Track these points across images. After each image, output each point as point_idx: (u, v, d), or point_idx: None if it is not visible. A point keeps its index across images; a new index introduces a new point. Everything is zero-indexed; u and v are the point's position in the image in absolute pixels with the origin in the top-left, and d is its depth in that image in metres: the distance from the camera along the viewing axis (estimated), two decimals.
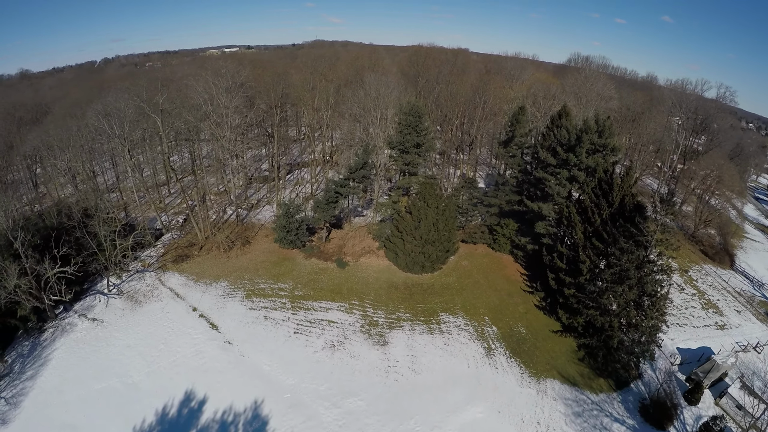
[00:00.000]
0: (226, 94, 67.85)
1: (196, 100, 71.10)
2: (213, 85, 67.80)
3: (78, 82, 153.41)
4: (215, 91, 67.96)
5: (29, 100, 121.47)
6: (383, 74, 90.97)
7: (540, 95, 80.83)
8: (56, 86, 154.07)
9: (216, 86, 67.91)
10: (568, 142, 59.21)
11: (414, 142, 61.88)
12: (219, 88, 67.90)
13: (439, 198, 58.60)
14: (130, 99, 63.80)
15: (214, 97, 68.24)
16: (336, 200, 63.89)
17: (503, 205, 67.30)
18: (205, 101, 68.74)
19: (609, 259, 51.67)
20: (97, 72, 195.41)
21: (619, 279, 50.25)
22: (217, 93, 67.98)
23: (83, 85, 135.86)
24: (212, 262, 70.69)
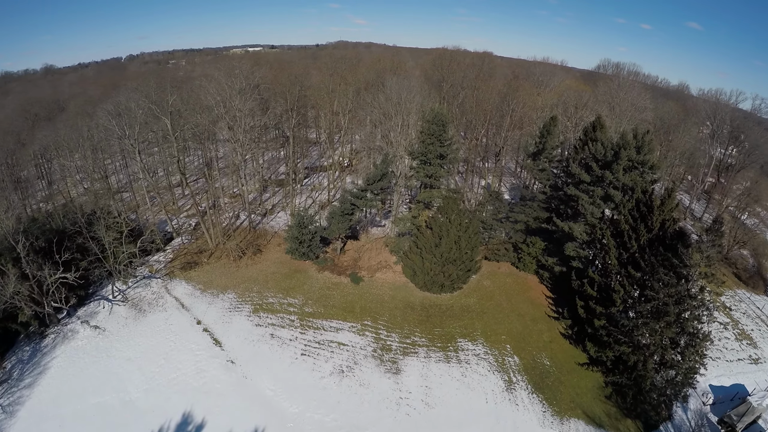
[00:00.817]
0: (239, 96, 64.75)
1: (208, 101, 68.23)
2: (227, 86, 64.79)
3: (97, 79, 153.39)
4: (228, 92, 64.94)
5: (47, 96, 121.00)
6: (406, 78, 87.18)
7: (571, 104, 75.76)
8: (76, 83, 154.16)
9: (230, 88, 64.87)
10: (604, 157, 54.46)
11: (437, 152, 57.75)
12: (233, 90, 64.83)
13: (462, 214, 54.35)
14: (140, 100, 61.06)
15: (226, 99, 65.27)
16: (352, 212, 60.19)
17: (530, 222, 62.77)
18: (217, 103, 65.80)
19: (645, 290, 46.97)
20: (118, 69, 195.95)
21: (656, 314, 45.50)
22: (230, 95, 64.95)
23: (101, 83, 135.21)
24: (221, 271, 67.72)
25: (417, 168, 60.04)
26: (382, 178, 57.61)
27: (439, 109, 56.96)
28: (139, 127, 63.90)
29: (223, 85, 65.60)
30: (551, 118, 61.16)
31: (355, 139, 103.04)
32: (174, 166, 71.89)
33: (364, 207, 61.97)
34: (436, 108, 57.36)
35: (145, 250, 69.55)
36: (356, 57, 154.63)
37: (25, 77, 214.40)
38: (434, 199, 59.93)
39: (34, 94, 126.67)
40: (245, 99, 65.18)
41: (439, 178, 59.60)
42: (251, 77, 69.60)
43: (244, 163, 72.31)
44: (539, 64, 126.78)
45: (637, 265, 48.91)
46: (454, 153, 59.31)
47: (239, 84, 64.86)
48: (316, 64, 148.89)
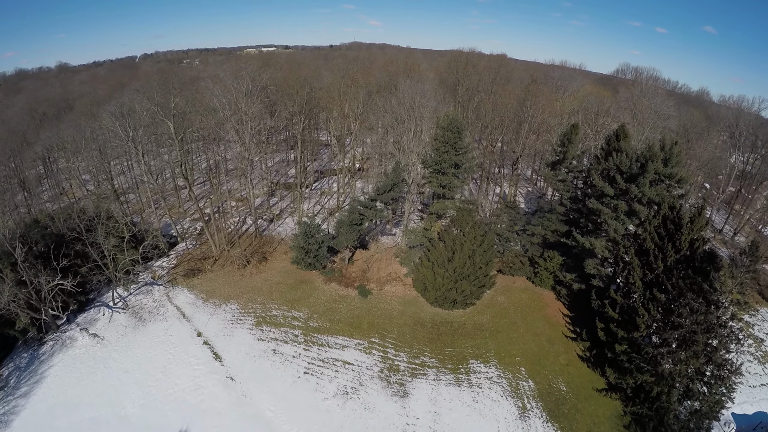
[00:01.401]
0: (245, 99, 62.31)
1: (213, 103, 65.99)
2: (233, 88, 62.44)
3: (108, 78, 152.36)
4: (235, 94, 62.57)
5: (57, 94, 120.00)
6: (419, 80, 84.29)
7: (592, 110, 72.10)
8: (87, 81, 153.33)
9: (236, 90, 62.49)
10: (629, 169, 51.14)
11: (452, 161, 54.68)
12: (239, 92, 62.44)
13: (477, 227, 51.29)
14: (143, 101, 58.84)
15: (232, 101, 62.92)
16: (360, 222, 57.43)
17: (548, 236, 59.59)
18: (222, 105, 63.51)
19: (671, 316, 43.70)
20: (130, 68, 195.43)
21: (683, 342, 42.26)
22: (236, 97, 62.57)
23: (111, 82, 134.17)
24: (224, 280, 65.44)
25: (430, 177, 56.91)
26: (392, 188, 54.73)
27: (454, 115, 53.81)
28: (142, 129, 61.78)
29: (229, 86, 63.27)
30: (572, 125, 57.76)
31: (366, 142, 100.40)
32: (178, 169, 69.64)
33: (374, 218, 59.12)
34: (451, 114, 54.21)
35: (146, 257, 67.56)
36: (369, 58, 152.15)
37: (38, 75, 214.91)
38: (448, 211, 56.79)
39: (44, 93, 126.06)
40: (251, 101, 62.75)
41: (454, 188, 56.38)
42: (258, 79, 67.11)
43: (251, 167, 69.82)
44: (557, 68, 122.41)
45: (663, 288, 45.65)
46: (470, 162, 56.07)
47: (245, 86, 62.45)
48: (328, 65, 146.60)
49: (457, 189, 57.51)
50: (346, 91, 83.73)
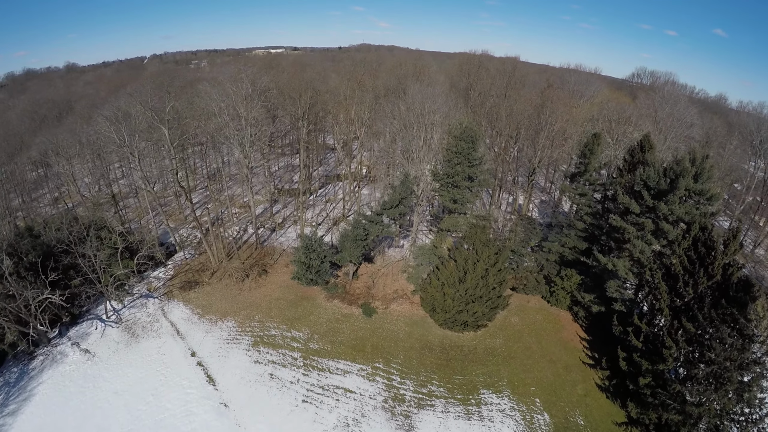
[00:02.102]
0: (244, 103, 58.99)
1: (210, 108, 62.85)
2: (232, 92, 59.15)
3: (113, 79, 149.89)
4: (234, 98, 59.27)
5: (60, 96, 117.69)
6: (429, 84, 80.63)
7: (613, 118, 67.95)
8: (92, 82, 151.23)
9: (234, 93, 59.14)
10: (657, 185, 47.21)
11: (465, 174, 51.07)
12: (238, 96, 59.10)
13: (491, 245, 47.52)
14: (136, 106, 55.64)
15: (230, 106, 59.65)
16: (365, 238, 53.85)
17: (566, 253, 55.77)
18: (221, 110, 60.28)
19: (702, 349, 39.86)
20: (137, 69, 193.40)
21: (714, 380, 38.40)
22: (235, 101, 59.26)
23: (114, 83, 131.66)
24: (222, 294, 62.24)
25: (441, 191, 53.05)
26: (400, 203, 51.13)
27: (468, 123, 49.88)
28: (138, 134, 58.71)
29: (228, 90, 59.97)
30: (593, 135, 53.82)
31: (373, 147, 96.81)
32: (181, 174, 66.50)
33: (380, 234, 55.45)
34: (464, 121, 50.31)
35: (140, 270, 64.82)
36: (377, 60, 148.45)
37: (45, 75, 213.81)
38: (459, 228, 52.82)
39: (47, 94, 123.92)
40: (251, 106, 59.40)
41: (467, 203, 52.61)
42: (258, 82, 63.62)
43: (252, 174, 66.56)
44: (572, 72, 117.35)
45: (693, 318, 41.73)
46: (485, 175, 52.17)
47: (245, 90, 59.06)
48: (336, 66, 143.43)
49: (470, 204, 53.52)
50: (352, 95, 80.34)
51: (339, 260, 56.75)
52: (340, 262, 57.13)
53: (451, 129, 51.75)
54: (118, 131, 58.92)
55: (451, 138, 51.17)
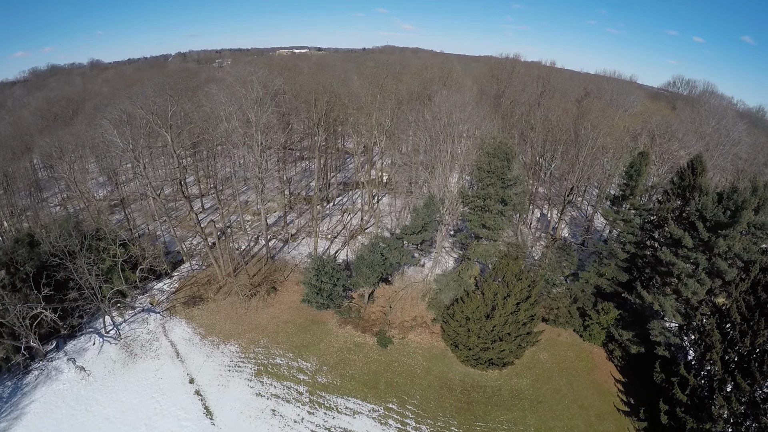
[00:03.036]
0: (255, 107, 54.43)
1: (218, 112, 58.66)
2: (243, 96, 54.65)
3: (133, 77, 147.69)
4: (244, 102, 54.78)
5: (76, 94, 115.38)
6: (457, 90, 75.02)
7: (657, 132, 61.24)
8: (110, 80, 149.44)
9: (244, 97, 54.63)
10: (714, 217, 41.06)
11: (498, 196, 45.34)
12: (248, 100, 54.57)
13: (524, 277, 41.90)
14: (137, 109, 51.52)
15: (239, 110, 55.29)
16: (383, 263, 48.61)
17: (604, 285, 49.85)
18: (228, 115, 55.96)
19: (758, 414, 33.95)
20: (158, 67, 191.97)
21: None
22: (245, 105, 54.77)
23: (133, 81, 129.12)
24: (227, 312, 57.92)
25: (470, 215, 47.39)
26: (423, 228, 45.70)
27: (502, 139, 44.18)
28: (143, 138, 54.77)
29: (238, 93, 55.49)
30: (640, 154, 47.66)
31: (395, 153, 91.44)
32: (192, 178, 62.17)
33: (399, 262, 49.99)
34: (498, 136, 44.54)
35: (144, 280, 61.18)
36: (401, 63, 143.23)
37: (68, 71, 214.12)
38: (489, 258, 46.89)
39: (64, 91, 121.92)
40: (262, 111, 54.83)
41: (499, 230, 46.99)
42: (270, 84, 58.89)
43: (262, 184, 62.08)
44: (610, 80, 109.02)
45: (749, 374, 35.78)
46: (520, 198, 46.25)
47: (255, 93, 54.50)
48: (359, 68, 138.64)
49: (503, 230, 47.95)
50: (373, 100, 75.30)
51: (353, 284, 51.72)
52: (355, 286, 52.12)
53: (483, 144, 45.73)
54: (123, 135, 55.11)
55: (483, 154, 45.49)
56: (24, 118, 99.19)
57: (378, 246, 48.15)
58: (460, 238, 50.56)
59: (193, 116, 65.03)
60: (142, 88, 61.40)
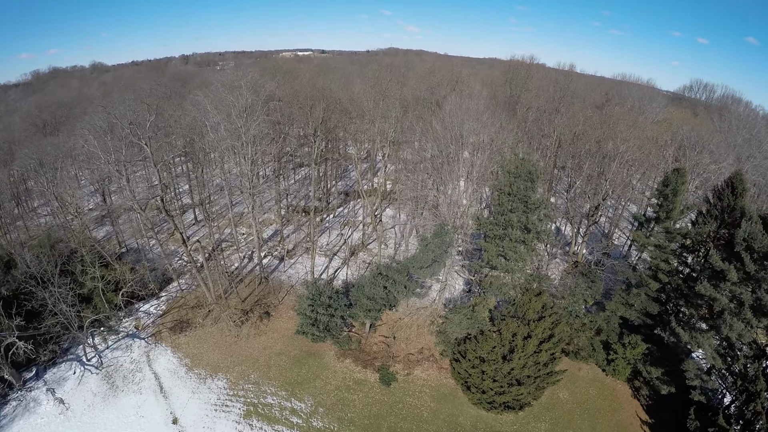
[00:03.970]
0: (244, 116, 49.53)
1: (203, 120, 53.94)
2: (231, 103, 49.74)
3: (131, 81, 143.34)
4: (233, 110, 49.90)
5: (70, 98, 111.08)
6: (468, 96, 69.65)
7: (687, 144, 55.73)
8: (108, 83, 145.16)
9: (234, 105, 49.70)
10: (763, 247, 35.87)
11: (520, 223, 38.68)
12: (237, 108, 49.66)
13: (547, 316, 36.74)
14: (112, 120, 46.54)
15: (226, 119, 50.45)
16: (385, 296, 43.45)
17: (631, 316, 44.70)
18: (214, 126, 51.25)
19: None
20: (157, 69, 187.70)
21: None
22: (235, 114, 49.87)
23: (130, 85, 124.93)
24: (216, 340, 53.16)
25: (486, 244, 41.36)
26: (434, 260, 40.34)
27: (525, 155, 38.58)
28: (124, 150, 50.01)
29: (226, 100, 50.51)
30: (676, 171, 42.37)
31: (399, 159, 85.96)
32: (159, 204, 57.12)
33: (403, 297, 44.70)
34: (520, 152, 38.94)
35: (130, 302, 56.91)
36: (405, 65, 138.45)
37: (69, 73, 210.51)
38: (508, 293, 41.36)
39: (59, 96, 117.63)
40: (251, 120, 49.88)
41: (520, 261, 40.54)
42: (261, 90, 53.86)
43: (253, 200, 57.22)
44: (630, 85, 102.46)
45: None
46: (545, 225, 40.63)
47: (244, 100, 49.51)
48: (362, 70, 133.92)
49: (525, 261, 41.66)
50: (376, 106, 70.23)
51: (352, 316, 46.56)
52: (354, 319, 46.98)
53: (504, 162, 40.00)
54: (103, 145, 50.43)
55: (503, 173, 39.80)
56: (14, 123, 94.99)
57: (379, 279, 42.88)
58: (474, 269, 45.15)
59: (182, 123, 60.45)
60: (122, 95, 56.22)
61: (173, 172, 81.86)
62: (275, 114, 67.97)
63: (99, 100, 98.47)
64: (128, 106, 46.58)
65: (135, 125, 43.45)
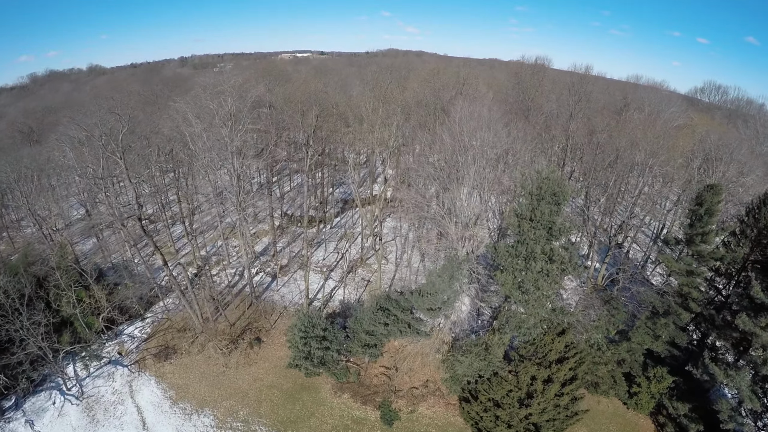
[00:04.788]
0: (229, 125, 45.12)
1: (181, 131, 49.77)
2: (215, 110, 45.33)
3: (124, 84, 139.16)
4: (217, 118, 45.52)
5: (59, 103, 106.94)
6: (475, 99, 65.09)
7: (714, 155, 51.10)
8: (100, 86, 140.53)
9: (216, 113, 45.31)
10: None
11: (545, 255, 33.22)
12: (221, 117, 45.24)
13: (570, 357, 32.37)
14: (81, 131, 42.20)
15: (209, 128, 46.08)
16: (386, 333, 39.03)
17: (658, 348, 40.40)
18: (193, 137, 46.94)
19: None
20: (153, 72, 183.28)
21: None
22: (220, 123, 45.45)
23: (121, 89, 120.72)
24: (203, 370, 48.99)
25: (503, 275, 35.36)
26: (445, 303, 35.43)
27: (550, 173, 33.36)
28: (103, 161, 45.82)
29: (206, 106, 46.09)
30: (709, 187, 38.05)
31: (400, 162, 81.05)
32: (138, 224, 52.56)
33: (408, 336, 40.05)
34: (544, 170, 33.90)
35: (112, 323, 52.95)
36: (406, 66, 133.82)
37: (65, 76, 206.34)
38: (528, 333, 36.44)
39: (49, 100, 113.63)
40: (236, 130, 45.46)
41: (543, 297, 34.81)
42: (247, 95, 49.37)
43: (240, 214, 52.95)
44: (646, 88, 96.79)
45: None
46: (572, 254, 35.92)
47: (227, 107, 45.06)
48: (361, 72, 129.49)
49: (548, 297, 35.64)
50: (375, 112, 65.70)
51: (350, 350, 42.12)
52: (352, 353, 42.53)
53: (524, 181, 34.91)
54: (80, 158, 46.39)
55: (525, 195, 34.39)
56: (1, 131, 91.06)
57: (380, 314, 38.32)
58: (487, 303, 40.59)
59: (163, 134, 56.42)
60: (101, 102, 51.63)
61: (162, 180, 77.35)
62: (265, 122, 63.49)
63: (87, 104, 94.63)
64: (101, 117, 42.16)
65: (108, 137, 39.13)
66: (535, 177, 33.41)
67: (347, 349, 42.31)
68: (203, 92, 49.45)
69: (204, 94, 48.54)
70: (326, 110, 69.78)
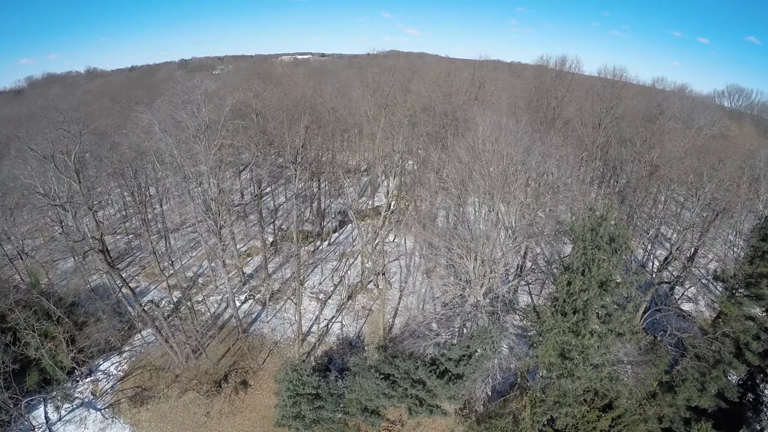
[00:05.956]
0: (202, 139, 39.24)
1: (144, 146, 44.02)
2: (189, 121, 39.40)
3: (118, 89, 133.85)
4: (192, 132, 39.59)
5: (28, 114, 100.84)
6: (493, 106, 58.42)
7: (763, 173, 44.52)
8: (93, 91, 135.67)
9: (190, 126, 39.41)
10: None
11: (601, 317, 26.52)
12: (194, 130, 39.33)
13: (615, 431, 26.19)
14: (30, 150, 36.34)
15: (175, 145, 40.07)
16: (390, 403, 32.67)
17: (705, 403, 34.33)
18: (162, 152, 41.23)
19: None
20: (148, 75, 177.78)
21: None
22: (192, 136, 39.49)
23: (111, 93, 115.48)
24: (182, 418, 43.25)
25: (543, 340, 28.49)
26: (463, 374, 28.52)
27: (607, 210, 25.88)
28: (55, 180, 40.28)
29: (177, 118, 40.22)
30: None
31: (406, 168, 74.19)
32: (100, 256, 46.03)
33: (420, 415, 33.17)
34: (600, 208, 26.24)
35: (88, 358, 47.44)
36: (409, 68, 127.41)
37: (63, 79, 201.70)
38: (566, 414, 29.50)
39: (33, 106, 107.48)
40: (210, 146, 39.55)
41: (589, 366, 27.42)
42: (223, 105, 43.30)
43: (220, 239, 46.99)
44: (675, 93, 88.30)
45: None
46: (630, 314, 27.77)
47: (201, 119, 39.09)
48: (361, 74, 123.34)
49: (602, 367, 28.49)
50: (377, 120, 59.54)
51: (347, 412, 35.68)
52: (350, 416, 36.06)
53: (574, 222, 27.13)
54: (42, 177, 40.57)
55: (578, 239, 26.42)
56: None
57: (383, 384, 31.58)
58: (519, 372, 33.58)
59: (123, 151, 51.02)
60: (53, 118, 45.89)
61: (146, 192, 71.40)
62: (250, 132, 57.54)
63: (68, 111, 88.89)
64: (53, 132, 36.35)
65: (65, 154, 33.47)
66: (589, 213, 26.29)
67: (344, 408, 35.99)
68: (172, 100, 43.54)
69: (174, 101, 42.64)
70: (321, 117, 63.49)
